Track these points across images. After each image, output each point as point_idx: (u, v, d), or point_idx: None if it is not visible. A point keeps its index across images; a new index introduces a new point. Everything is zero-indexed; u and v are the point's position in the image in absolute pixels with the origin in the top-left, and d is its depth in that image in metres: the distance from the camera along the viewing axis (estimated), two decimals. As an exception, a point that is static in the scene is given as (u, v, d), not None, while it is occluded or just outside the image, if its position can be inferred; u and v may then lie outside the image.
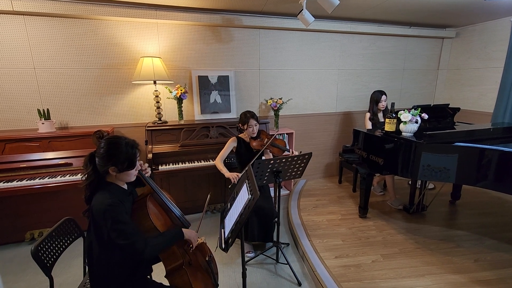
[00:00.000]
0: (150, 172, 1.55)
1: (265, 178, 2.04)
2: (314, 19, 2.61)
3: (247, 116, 2.42)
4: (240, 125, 2.49)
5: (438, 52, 4.25)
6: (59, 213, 2.55)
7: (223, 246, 1.33)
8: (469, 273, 2.02)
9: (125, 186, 1.39)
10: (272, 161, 1.95)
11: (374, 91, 3.28)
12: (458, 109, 2.90)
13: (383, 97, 3.19)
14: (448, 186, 3.29)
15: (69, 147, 2.56)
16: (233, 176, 2.25)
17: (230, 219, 1.45)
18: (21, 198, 2.50)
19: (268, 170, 1.99)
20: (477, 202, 3.19)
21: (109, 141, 1.29)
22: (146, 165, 1.51)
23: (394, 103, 2.45)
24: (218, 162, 2.44)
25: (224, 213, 1.64)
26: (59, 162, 2.48)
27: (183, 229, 1.39)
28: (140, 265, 1.44)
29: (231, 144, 2.49)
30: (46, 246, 1.37)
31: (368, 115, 3.30)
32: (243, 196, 1.42)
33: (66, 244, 1.51)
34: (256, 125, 2.45)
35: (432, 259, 2.18)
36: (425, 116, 2.35)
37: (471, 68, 3.96)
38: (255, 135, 2.48)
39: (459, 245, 2.37)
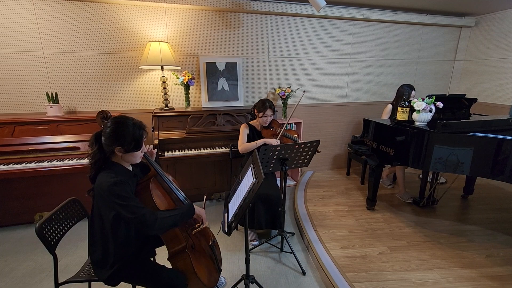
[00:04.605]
0: (154, 154, 1.55)
1: (271, 165, 2.00)
2: (325, 3, 2.52)
3: (265, 105, 2.36)
4: (256, 111, 2.43)
5: (456, 42, 4.07)
6: (68, 196, 2.54)
7: (226, 230, 1.31)
8: (481, 268, 1.95)
9: (130, 168, 1.37)
10: (279, 148, 1.90)
11: (403, 85, 3.02)
12: (475, 99, 2.77)
13: (413, 92, 2.93)
14: (461, 181, 3.19)
15: (76, 131, 2.57)
16: (272, 141, 2.28)
17: (234, 204, 1.42)
18: (31, 181, 2.54)
19: (275, 157, 1.95)
20: (490, 197, 3.08)
21: (116, 120, 1.27)
22: (151, 147, 1.52)
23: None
24: (246, 145, 2.36)
25: (228, 198, 1.61)
26: (67, 146, 2.50)
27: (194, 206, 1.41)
28: (143, 246, 1.43)
29: (245, 131, 2.44)
30: (51, 225, 1.38)
31: (389, 107, 3.08)
32: (248, 180, 1.39)
33: (70, 224, 1.51)
34: (271, 116, 2.41)
35: (442, 253, 2.11)
36: (440, 104, 2.24)
37: (490, 59, 3.78)
38: (266, 125, 2.44)
39: (470, 240, 2.29)
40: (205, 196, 1.66)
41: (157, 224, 1.20)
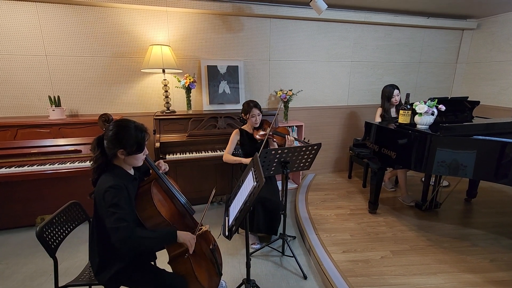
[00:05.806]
0: (167, 168, 1.56)
1: (272, 168, 2.00)
2: (327, 6, 2.53)
3: (250, 105, 2.36)
4: (243, 114, 2.43)
5: (457, 45, 4.06)
6: (69, 199, 2.56)
7: (227, 233, 1.30)
8: (485, 273, 1.93)
9: (132, 171, 1.37)
10: (280, 151, 1.89)
11: (386, 85, 3.08)
12: (478, 102, 2.76)
13: (396, 91, 3.00)
14: (464, 184, 3.16)
15: (78, 134, 2.59)
16: (248, 160, 2.24)
17: (235, 207, 1.42)
18: (32, 184, 2.54)
19: (276, 160, 1.95)
20: (494, 201, 3.05)
21: (118, 123, 1.27)
22: (166, 166, 1.56)
23: (409, 93, 2.36)
24: (228, 157, 2.39)
25: (229, 202, 1.60)
26: (69, 149, 2.51)
27: (178, 231, 1.29)
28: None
29: (235, 138, 2.43)
30: (51, 228, 1.38)
31: (379, 110, 3.14)
32: (249, 184, 1.38)
33: (71, 227, 1.51)
34: (259, 115, 2.39)
35: (445, 257, 2.09)
36: (442, 107, 2.23)
37: (493, 61, 3.77)
38: (257, 125, 2.42)
39: (474, 244, 2.26)
40: (205, 208, 1.56)
41: (128, 243, 1.12)
